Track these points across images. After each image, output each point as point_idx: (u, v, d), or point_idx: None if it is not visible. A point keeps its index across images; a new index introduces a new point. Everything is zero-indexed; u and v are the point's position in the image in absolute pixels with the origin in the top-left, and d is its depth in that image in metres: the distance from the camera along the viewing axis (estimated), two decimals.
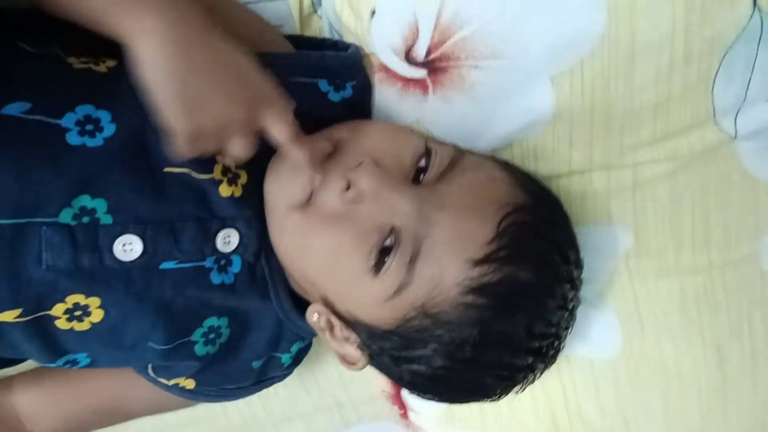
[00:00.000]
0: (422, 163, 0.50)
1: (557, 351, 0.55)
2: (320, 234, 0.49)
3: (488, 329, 0.48)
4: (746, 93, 0.51)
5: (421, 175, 0.50)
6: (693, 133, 0.52)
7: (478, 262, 0.46)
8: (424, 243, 0.47)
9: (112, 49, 0.43)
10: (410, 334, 0.49)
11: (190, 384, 0.59)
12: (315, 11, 0.58)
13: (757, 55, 0.49)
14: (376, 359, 0.53)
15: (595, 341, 0.63)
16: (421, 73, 0.53)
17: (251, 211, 0.52)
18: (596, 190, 0.57)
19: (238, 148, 0.45)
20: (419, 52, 0.51)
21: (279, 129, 0.45)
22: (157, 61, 0.40)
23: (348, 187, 0.47)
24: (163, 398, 0.60)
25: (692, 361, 0.63)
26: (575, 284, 0.53)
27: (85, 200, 0.46)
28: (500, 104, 0.53)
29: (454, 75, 0.52)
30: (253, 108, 0.44)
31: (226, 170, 0.51)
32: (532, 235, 0.49)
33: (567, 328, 0.54)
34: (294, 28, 0.58)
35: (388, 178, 0.48)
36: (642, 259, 0.59)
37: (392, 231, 0.47)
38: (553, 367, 0.60)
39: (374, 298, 0.48)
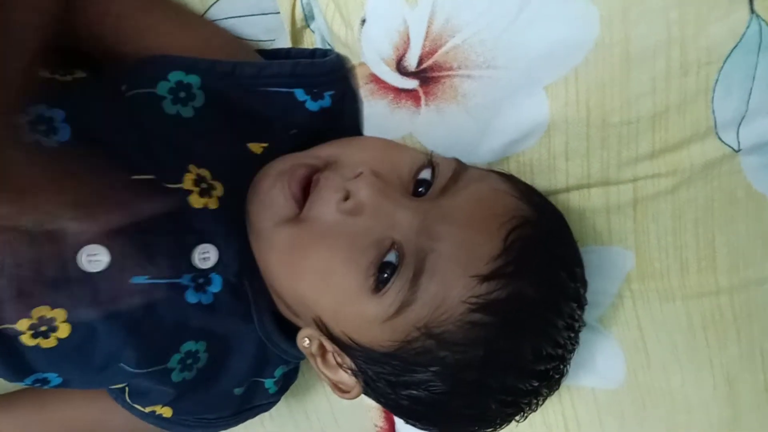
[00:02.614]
0: (423, 175, 0.48)
1: (562, 375, 0.52)
2: (314, 249, 0.46)
3: (495, 350, 0.46)
4: (748, 104, 0.49)
5: (421, 189, 0.48)
6: (694, 146, 0.50)
7: (486, 278, 0.44)
8: (428, 259, 0.44)
9: (77, 62, 0.42)
10: (411, 356, 0.46)
11: (167, 412, 0.56)
12: (308, 25, 0.57)
13: (757, 64, 0.47)
14: (371, 385, 0.50)
15: (598, 370, 0.60)
16: (412, 83, 0.52)
17: (230, 225, 0.50)
18: (595, 207, 0.55)
19: None
20: (410, 62, 0.50)
21: None
22: None
23: (346, 198, 0.45)
24: (140, 427, 0.57)
25: (701, 394, 0.59)
26: (581, 302, 0.51)
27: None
28: (494, 115, 0.52)
29: (447, 85, 0.51)
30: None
31: (198, 180, 0.49)
32: (539, 249, 0.47)
33: (572, 351, 0.51)
34: (286, 41, 0.57)
35: (388, 189, 0.46)
36: (645, 281, 0.57)
37: (392, 245, 0.45)
38: (555, 398, 0.57)
39: (373, 318, 0.46)
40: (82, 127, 0.45)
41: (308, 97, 0.52)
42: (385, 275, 0.45)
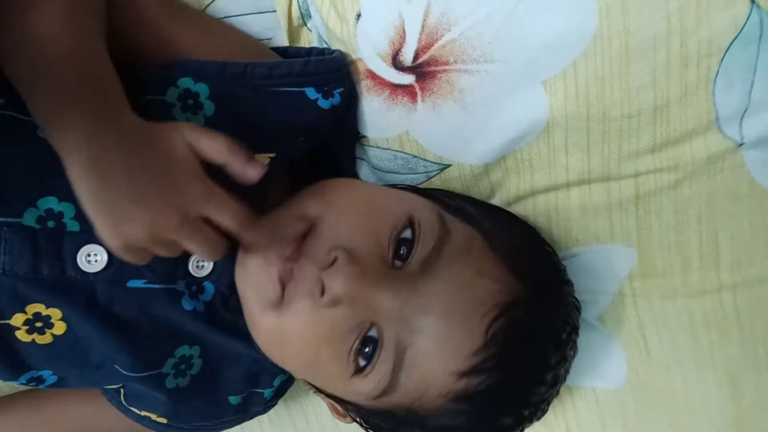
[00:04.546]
0: (406, 234, 0.47)
1: (551, 400, 0.55)
2: (295, 340, 0.47)
3: (477, 427, 0.49)
4: (750, 97, 0.48)
5: (403, 250, 0.47)
6: (696, 140, 0.50)
7: (464, 374, 0.45)
8: (407, 353, 0.45)
9: None
10: (398, 422, 0.49)
11: (162, 420, 0.55)
12: (305, 24, 0.57)
13: (758, 56, 0.47)
14: (370, 424, 0.53)
15: (599, 370, 0.59)
16: (408, 79, 0.51)
17: (227, 237, 0.49)
18: (596, 204, 0.54)
19: (197, 251, 0.43)
20: (406, 56, 0.50)
21: (223, 222, 0.42)
22: (79, 184, 0.39)
23: (323, 292, 0.45)
24: (136, 429, 0.57)
25: (704, 394, 0.58)
26: (567, 357, 0.52)
27: (52, 202, 0.44)
28: (492, 111, 0.51)
29: (443, 81, 0.50)
30: (184, 209, 0.41)
31: None
32: (523, 335, 0.47)
33: (556, 395, 0.54)
34: (283, 40, 0.57)
35: (364, 276, 0.45)
36: (646, 279, 0.56)
37: (372, 326, 0.46)
38: (555, 400, 0.56)
39: (360, 393, 0.48)
40: None
41: (319, 95, 0.51)
42: (367, 351, 0.46)
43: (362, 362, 0.46)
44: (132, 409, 0.55)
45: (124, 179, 0.40)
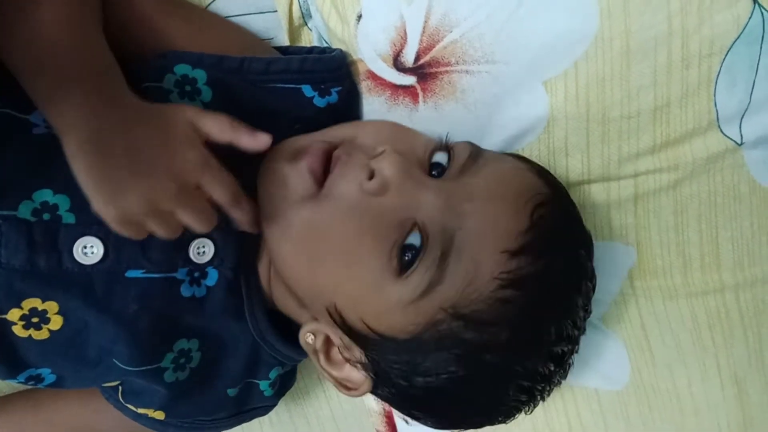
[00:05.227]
0: (437, 158, 0.47)
1: (570, 366, 0.52)
2: (336, 230, 0.45)
3: (522, 327, 0.45)
4: (751, 97, 0.48)
5: (435, 173, 0.47)
6: (696, 140, 0.50)
7: (515, 253, 0.44)
8: (456, 237, 0.44)
9: None
10: (433, 340, 0.45)
11: (159, 415, 0.55)
12: (305, 24, 0.57)
13: (760, 56, 0.47)
14: (382, 377, 0.48)
15: (601, 371, 0.59)
16: (410, 80, 0.51)
17: (227, 220, 0.49)
18: (595, 203, 0.54)
19: (189, 221, 0.43)
20: (408, 58, 0.50)
21: (215, 193, 0.43)
22: (77, 159, 0.40)
23: (370, 177, 0.44)
24: (134, 429, 0.57)
25: (709, 396, 0.58)
26: (594, 282, 0.51)
27: (47, 194, 0.44)
28: (493, 112, 0.51)
29: (445, 81, 0.50)
30: (182, 176, 0.42)
31: None
32: (561, 227, 0.47)
33: (581, 335, 0.51)
34: (284, 40, 0.57)
35: (412, 168, 0.45)
36: (647, 279, 0.56)
37: (414, 226, 0.44)
38: (558, 400, 0.56)
39: (396, 302, 0.44)
40: None
41: (316, 93, 0.52)
42: (407, 257, 0.44)
43: (405, 262, 0.44)
44: (129, 406, 0.55)
45: (124, 154, 0.40)
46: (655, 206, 0.53)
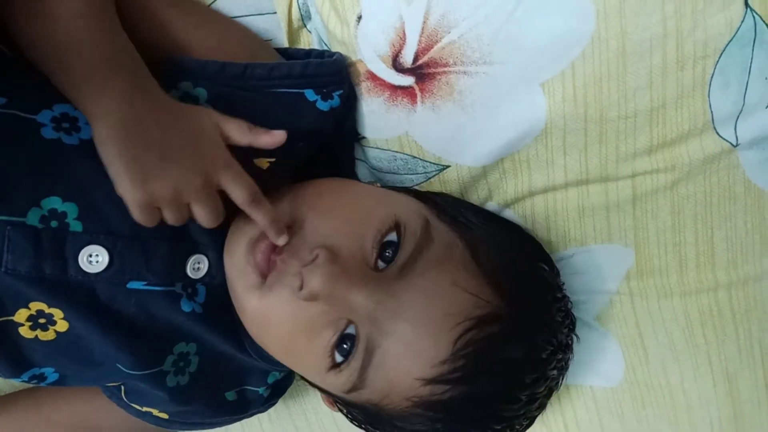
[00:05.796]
0: (389, 238, 0.47)
1: (532, 420, 0.54)
2: (276, 326, 0.48)
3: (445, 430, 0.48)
4: (744, 98, 0.49)
5: (388, 252, 0.47)
6: (692, 141, 0.50)
7: (429, 382, 0.45)
8: (376, 353, 0.46)
9: None
10: (372, 416, 0.50)
11: (163, 415, 0.56)
12: (304, 25, 0.57)
13: (752, 58, 0.47)
14: (348, 413, 0.54)
15: (596, 369, 0.60)
16: (408, 80, 0.51)
17: (222, 239, 0.50)
18: (594, 205, 0.54)
19: (202, 215, 0.45)
20: (406, 58, 0.50)
21: (235, 191, 0.45)
22: (107, 143, 0.42)
23: (301, 286, 0.46)
24: (137, 426, 0.57)
25: (701, 392, 0.59)
26: (549, 376, 0.51)
27: (56, 202, 0.45)
28: (491, 113, 0.51)
29: (443, 82, 0.51)
30: (208, 172, 0.44)
31: None
32: (492, 351, 0.46)
33: (534, 416, 0.53)
34: (282, 42, 0.57)
35: (343, 275, 0.46)
36: (644, 278, 0.56)
37: (350, 323, 0.46)
38: (553, 398, 0.56)
39: (334, 388, 0.49)
40: None
41: (318, 97, 0.52)
42: (345, 347, 0.46)
43: (339, 358, 0.47)
44: (133, 405, 0.55)
45: (156, 142, 0.42)
46: (653, 207, 0.53)
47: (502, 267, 0.49)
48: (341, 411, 0.55)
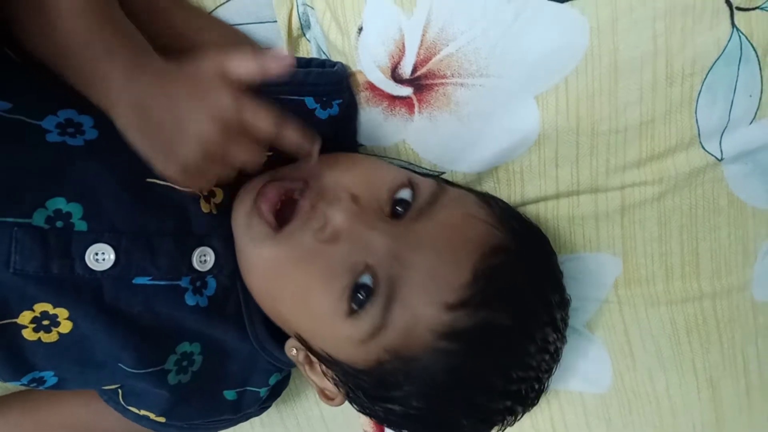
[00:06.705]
0: (402, 195, 0.49)
1: (539, 393, 0.54)
2: (291, 273, 0.48)
3: (463, 374, 0.48)
4: (730, 114, 0.51)
5: (400, 209, 0.49)
6: (679, 155, 0.52)
7: (452, 307, 0.46)
8: (399, 285, 0.46)
9: None
10: (384, 376, 0.48)
11: (160, 419, 0.56)
12: (303, 34, 0.58)
13: (738, 75, 0.49)
14: (351, 396, 0.52)
15: (585, 375, 0.61)
16: (406, 91, 0.53)
17: (227, 230, 0.51)
18: (584, 214, 0.56)
19: (244, 155, 0.45)
20: (405, 69, 0.52)
21: (259, 121, 0.44)
22: (129, 130, 0.43)
23: (324, 226, 0.47)
24: (132, 430, 0.57)
25: (685, 398, 0.61)
26: (558, 326, 0.52)
27: (60, 203, 0.45)
28: (486, 124, 0.53)
29: (440, 93, 0.52)
30: (222, 117, 0.43)
31: None
32: (509, 278, 0.48)
33: (548, 371, 0.53)
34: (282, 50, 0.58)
35: (364, 215, 0.47)
36: (631, 287, 0.58)
37: (366, 268, 0.46)
38: (543, 403, 0.58)
39: (348, 339, 0.48)
40: (107, 131, 0.46)
41: (318, 105, 0.53)
42: (360, 296, 0.46)
43: (354, 306, 0.46)
44: (131, 408, 0.56)
45: (165, 112, 0.43)
46: (640, 217, 0.55)
47: (512, 214, 0.53)
48: (345, 392, 0.52)
